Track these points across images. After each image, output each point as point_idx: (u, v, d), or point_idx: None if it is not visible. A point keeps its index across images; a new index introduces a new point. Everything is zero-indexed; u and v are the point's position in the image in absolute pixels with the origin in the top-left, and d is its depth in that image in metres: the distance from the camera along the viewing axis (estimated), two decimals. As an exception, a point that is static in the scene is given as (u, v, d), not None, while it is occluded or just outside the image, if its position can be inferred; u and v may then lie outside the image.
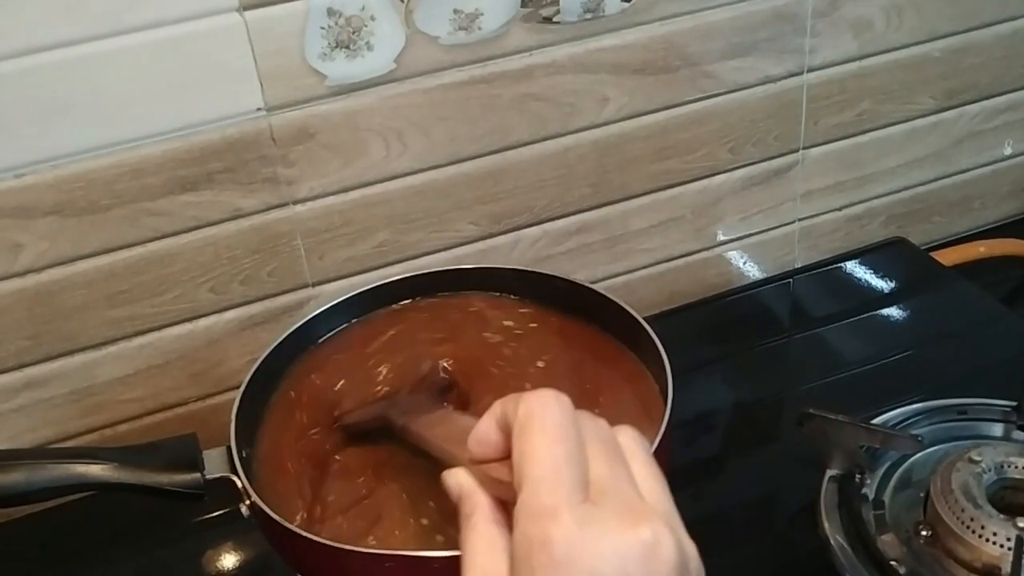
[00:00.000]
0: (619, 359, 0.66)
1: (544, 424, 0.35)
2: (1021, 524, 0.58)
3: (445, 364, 0.64)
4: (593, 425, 0.37)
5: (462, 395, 0.62)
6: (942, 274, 0.94)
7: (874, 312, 0.91)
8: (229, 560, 0.72)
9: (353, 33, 0.69)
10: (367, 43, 0.70)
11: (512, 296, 0.70)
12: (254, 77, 0.68)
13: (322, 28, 0.68)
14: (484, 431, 0.38)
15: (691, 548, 0.34)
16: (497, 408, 0.38)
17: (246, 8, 0.66)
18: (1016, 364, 0.74)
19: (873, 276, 0.95)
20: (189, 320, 0.75)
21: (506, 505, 0.36)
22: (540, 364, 0.65)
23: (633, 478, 0.35)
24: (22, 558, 0.74)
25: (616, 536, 0.32)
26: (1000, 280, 0.97)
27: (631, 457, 0.36)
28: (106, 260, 0.71)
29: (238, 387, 0.61)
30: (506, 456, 0.36)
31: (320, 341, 0.68)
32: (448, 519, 0.54)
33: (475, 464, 0.38)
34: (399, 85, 0.72)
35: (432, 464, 0.47)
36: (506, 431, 0.37)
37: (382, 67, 0.71)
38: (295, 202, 0.74)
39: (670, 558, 0.32)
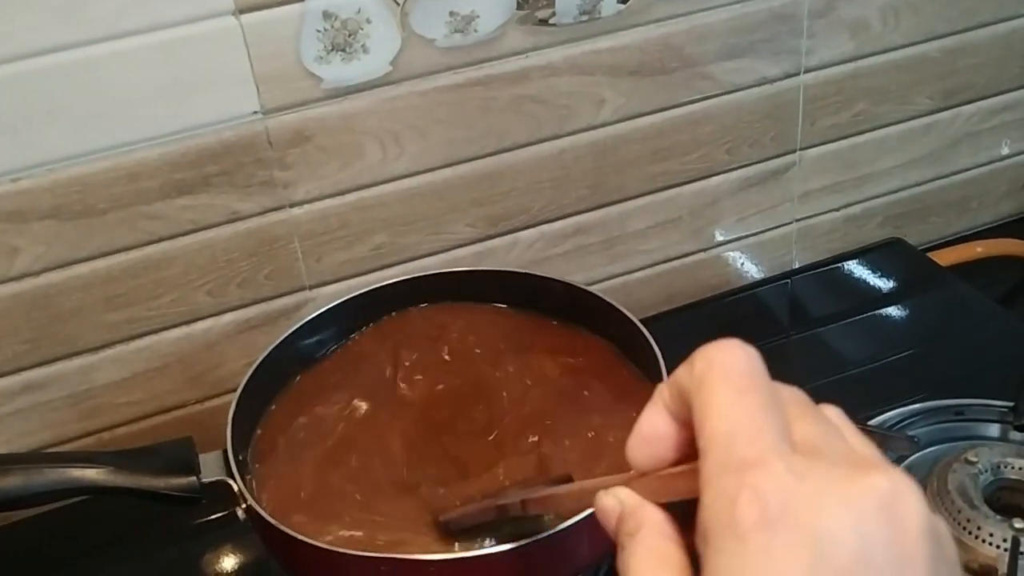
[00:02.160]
0: (616, 362, 0.66)
1: (728, 372, 0.28)
2: (1017, 525, 0.59)
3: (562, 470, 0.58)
4: (791, 390, 0.30)
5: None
6: (939, 274, 0.94)
7: (871, 312, 0.91)
8: (227, 563, 0.72)
9: (349, 36, 0.69)
10: (363, 46, 0.70)
11: (509, 298, 0.70)
12: (250, 80, 0.68)
13: (318, 31, 0.68)
14: (649, 423, 0.31)
15: (942, 522, 0.27)
16: (663, 388, 0.31)
17: (242, 11, 0.66)
18: (1013, 364, 0.74)
19: (870, 277, 0.95)
20: (187, 323, 0.75)
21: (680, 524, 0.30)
22: (537, 369, 0.65)
23: (846, 440, 0.29)
24: (19, 562, 0.74)
25: (846, 486, 0.25)
26: (998, 280, 0.97)
27: (840, 425, 0.30)
28: (103, 264, 0.71)
29: (236, 390, 0.61)
30: (685, 455, 0.30)
31: (317, 344, 0.68)
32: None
33: (639, 478, 0.31)
34: (395, 88, 0.73)
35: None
36: (681, 415, 0.30)
37: (378, 70, 0.71)
38: (292, 205, 0.74)
39: (918, 515, 0.25)
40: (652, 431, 0.30)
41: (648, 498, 0.31)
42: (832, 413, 0.31)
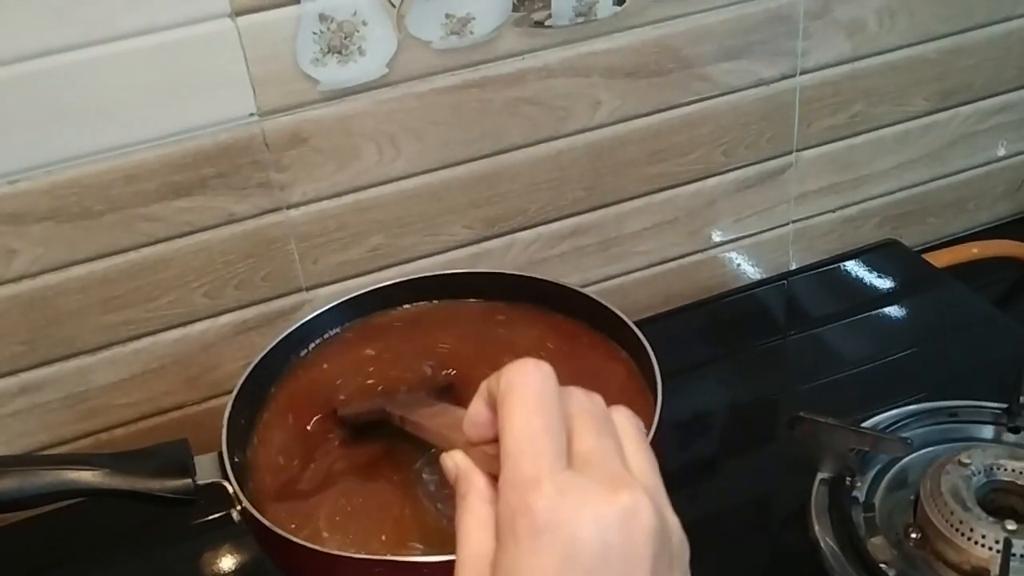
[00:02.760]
0: (610, 362, 0.66)
1: (524, 395, 0.35)
2: (1010, 527, 0.59)
3: (446, 370, 0.65)
4: (584, 399, 0.37)
5: (459, 396, 0.62)
6: (935, 276, 0.95)
7: (867, 314, 0.91)
8: (224, 563, 0.72)
9: (345, 38, 0.70)
10: (359, 48, 0.70)
11: (505, 300, 0.71)
12: (246, 83, 0.68)
13: (314, 33, 0.68)
14: (475, 411, 0.38)
15: (674, 521, 0.35)
16: (483, 387, 0.38)
17: (238, 14, 0.66)
18: (1007, 366, 0.74)
19: (866, 278, 0.95)
20: (184, 325, 0.76)
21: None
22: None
23: (622, 451, 0.36)
24: (15, 563, 0.74)
25: (596, 502, 0.33)
26: (994, 281, 0.98)
27: (622, 433, 0.37)
28: (100, 265, 0.71)
29: (232, 391, 0.62)
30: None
31: (314, 346, 0.68)
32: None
33: (472, 446, 0.38)
34: (391, 90, 0.73)
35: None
36: (494, 407, 0.37)
37: (374, 72, 0.72)
38: (288, 207, 0.74)
39: (648, 525, 0.33)
40: (477, 417, 0.38)
41: (479, 465, 0.38)
42: (621, 418, 0.38)
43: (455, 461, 0.39)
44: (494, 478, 0.37)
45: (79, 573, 0.72)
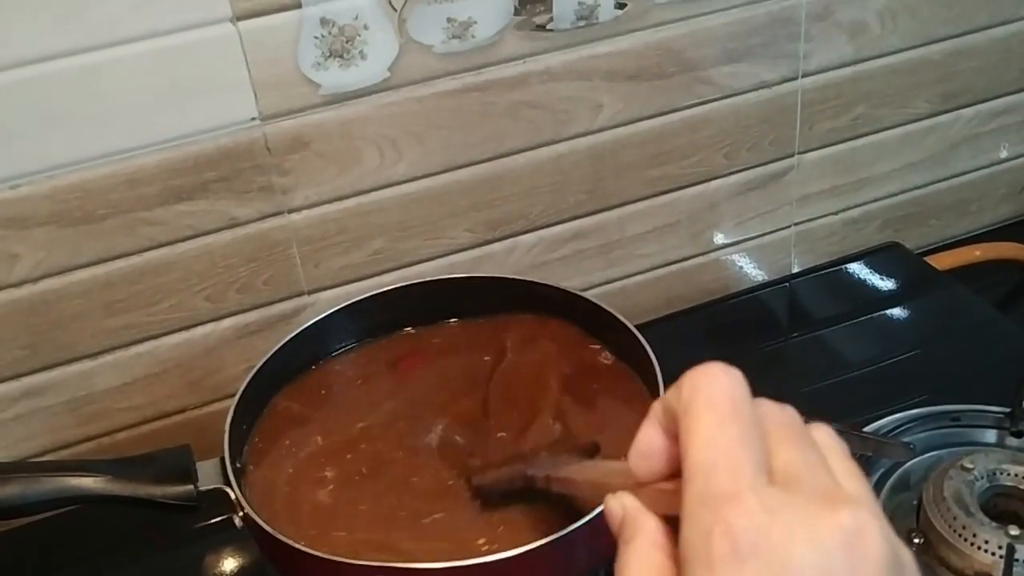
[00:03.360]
0: (613, 366, 0.66)
1: (712, 400, 0.30)
2: (1013, 532, 0.59)
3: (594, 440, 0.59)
4: (778, 410, 0.33)
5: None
6: (936, 279, 0.95)
7: (869, 316, 0.91)
8: (226, 567, 0.72)
9: (347, 42, 0.70)
10: (360, 52, 0.70)
11: (506, 304, 0.71)
12: (248, 87, 0.68)
13: (316, 38, 0.68)
14: (646, 439, 0.33)
15: (907, 554, 0.29)
16: (657, 407, 0.33)
17: (240, 18, 0.66)
18: (1010, 369, 0.74)
19: (868, 281, 0.95)
20: (186, 328, 0.76)
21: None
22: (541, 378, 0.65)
23: (828, 467, 0.31)
24: (17, 567, 0.74)
25: (813, 523, 0.27)
26: (996, 283, 0.97)
27: (825, 448, 0.32)
28: (102, 270, 0.71)
29: (235, 395, 0.62)
30: (679, 468, 0.31)
31: (316, 350, 0.68)
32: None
33: (640, 487, 0.33)
34: (393, 93, 0.73)
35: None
36: (672, 432, 0.32)
37: (376, 76, 0.72)
38: (290, 211, 0.74)
39: (878, 550, 0.27)
40: (648, 446, 0.32)
41: (649, 507, 0.33)
42: (821, 435, 0.33)
43: (622, 503, 0.33)
44: (668, 522, 0.32)
45: (81, 577, 0.73)
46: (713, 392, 0.30)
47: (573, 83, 0.78)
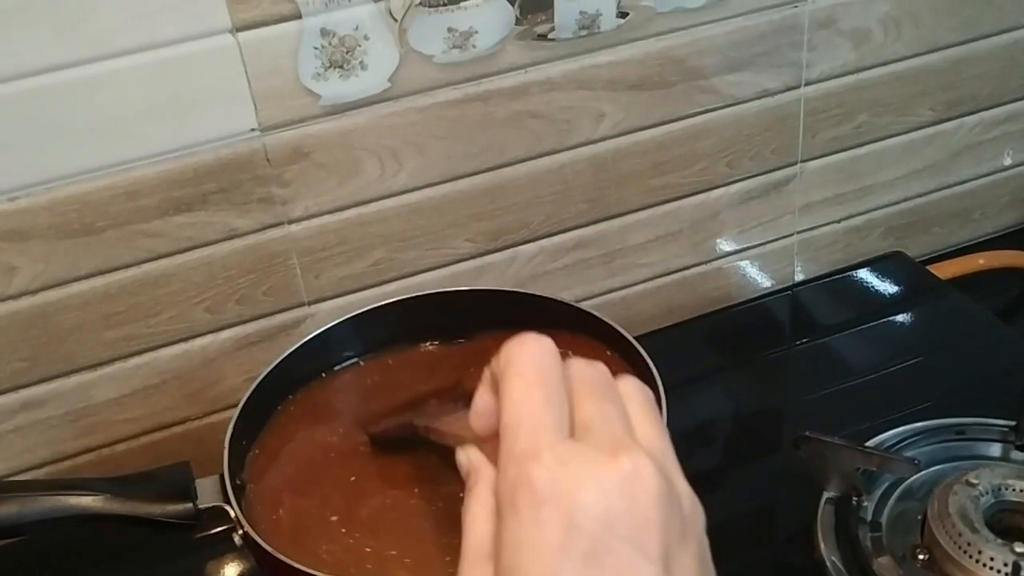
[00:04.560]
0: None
1: (521, 368, 0.35)
2: (1019, 549, 0.58)
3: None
4: (586, 367, 0.36)
5: None
6: (939, 288, 0.94)
7: (872, 325, 0.90)
8: (226, 578, 0.72)
9: (347, 53, 0.69)
10: (361, 62, 0.70)
11: (505, 317, 0.70)
12: (248, 98, 0.68)
13: (315, 48, 0.68)
14: (479, 401, 0.37)
15: (684, 486, 0.34)
16: (486, 373, 0.37)
17: (239, 29, 0.66)
18: (1013, 380, 0.73)
19: (871, 290, 0.95)
20: (185, 340, 0.75)
21: None
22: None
23: (627, 418, 0.35)
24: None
25: (597, 469, 0.32)
26: (999, 292, 0.97)
27: (628, 400, 0.36)
28: (101, 281, 0.70)
29: (235, 406, 0.61)
30: None
31: (318, 362, 0.68)
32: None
33: (485, 441, 0.37)
34: (394, 104, 0.72)
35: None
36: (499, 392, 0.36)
37: (376, 86, 0.71)
38: (290, 221, 0.74)
39: (653, 487, 0.32)
40: (483, 407, 0.37)
41: (491, 458, 0.36)
42: (627, 387, 0.37)
43: (468, 455, 0.38)
44: None
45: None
46: (522, 360, 0.35)
47: (575, 92, 0.77)
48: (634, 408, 0.36)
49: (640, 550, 0.31)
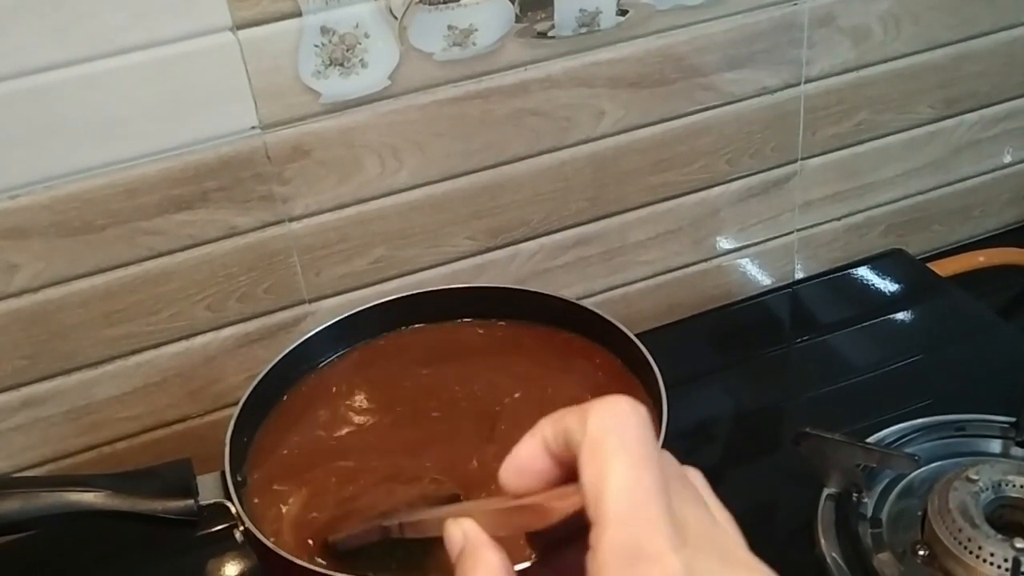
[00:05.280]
0: (614, 376, 0.66)
1: (626, 444, 0.29)
2: (1019, 545, 0.58)
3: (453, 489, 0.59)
4: (665, 455, 0.32)
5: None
6: (940, 285, 0.94)
7: (872, 323, 0.90)
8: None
9: (347, 51, 0.69)
10: (361, 60, 0.70)
11: (505, 314, 0.70)
12: (248, 96, 0.68)
13: (316, 46, 0.68)
14: (528, 456, 0.32)
15: None
16: (547, 427, 0.32)
17: (239, 27, 0.66)
18: (1013, 376, 0.73)
19: (871, 287, 0.95)
20: (186, 338, 0.75)
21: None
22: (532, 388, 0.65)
23: (717, 520, 0.32)
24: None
25: None
26: (999, 289, 0.97)
27: (705, 495, 0.33)
28: (101, 279, 0.71)
29: (236, 403, 0.61)
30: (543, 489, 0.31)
31: (317, 360, 0.68)
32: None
33: (490, 511, 0.33)
34: (394, 101, 0.72)
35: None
36: (560, 456, 0.31)
37: (376, 84, 0.71)
38: (291, 219, 0.74)
39: None
40: (529, 462, 0.32)
41: (498, 528, 0.32)
42: (695, 479, 0.33)
43: (463, 529, 0.33)
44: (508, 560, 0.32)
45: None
46: (626, 433, 0.29)
47: (575, 90, 0.78)
48: (714, 509, 0.32)
49: None
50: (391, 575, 0.52)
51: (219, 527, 0.71)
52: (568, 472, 0.31)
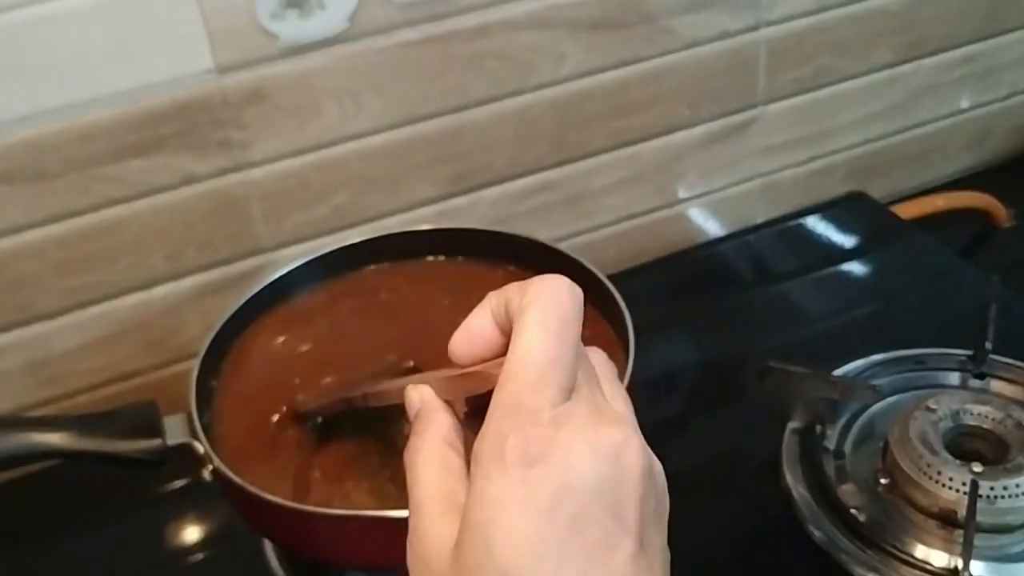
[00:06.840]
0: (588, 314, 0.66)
1: (546, 314, 0.33)
2: (976, 469, 0.60)
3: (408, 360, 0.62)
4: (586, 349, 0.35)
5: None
6: (901, 228, 0.95)
7: (835, 267, 0.91)
8: (191, 530, 0.71)
9: (304, -9, 0.68)
10: (319, 2, 0.69)
11: (473, 256, 0.70)
12: (203, 37, 0.66)
13: (272, -14, 0.67)
14: (477, 325, 0.35)
15: (659, 466, 0.34)
16: (493, 299, 0.35)
17: (194, -34, 0.64)
18: (972, 314, 0.74)
19: (833, 231, 0.96)
20: (144, 288, 0.74)
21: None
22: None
23: (602, 389, 0.35)
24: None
25: (590, 435, 0.31)
26: (959, 232, 0.98)
27: (600, 372, 0.36)
28: (56, 229, 0.69)
29: (196, 355, 0.60)
30: (498, 355, 0.34)
31: (279, 306, 0.67)
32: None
33: (444, 379, 0.36)
34: (353, 44, 0.71)
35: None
36: (503, 326, 0.35)
37: (335, 26, 0.70)
38: (250, 166, 0.73)
39: (639, 461, 0.32)
40: (478, 331, 0.35)
41: (447, 393, 0.36)
42: (597, 358, 0.36)
43: (420, 394, 0.37)
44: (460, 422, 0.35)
45: (41, 544, 0.71)
46: (550, 306, 0.33)
47: (535, 33, 0.77)
48: (604, 381, 0.35)
49: (622, 523, 0.31)
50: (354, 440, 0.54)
51: (182, 481, 0.71)
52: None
